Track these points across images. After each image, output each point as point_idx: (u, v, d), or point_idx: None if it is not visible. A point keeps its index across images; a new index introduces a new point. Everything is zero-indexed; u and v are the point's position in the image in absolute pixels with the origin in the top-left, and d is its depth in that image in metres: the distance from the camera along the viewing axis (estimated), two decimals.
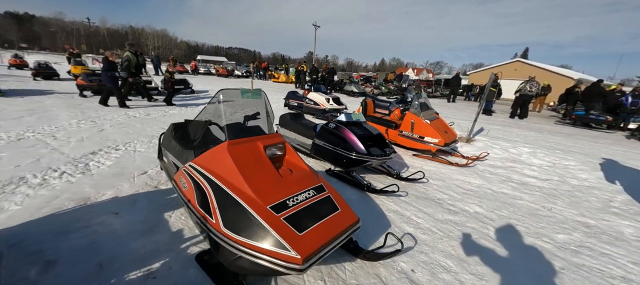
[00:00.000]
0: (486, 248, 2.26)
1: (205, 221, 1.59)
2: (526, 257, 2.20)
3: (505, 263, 2.09)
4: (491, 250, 2.23)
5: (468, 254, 2.16)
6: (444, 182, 3.63)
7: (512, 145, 5.43)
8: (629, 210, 3.19)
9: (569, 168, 4.50)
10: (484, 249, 2.24)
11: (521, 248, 2.32)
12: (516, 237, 2.48)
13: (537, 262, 2.14)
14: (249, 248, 1.38)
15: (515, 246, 2.33)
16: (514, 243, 2.37)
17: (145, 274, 1.68)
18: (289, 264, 1.33)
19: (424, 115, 4.70)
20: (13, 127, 4.57)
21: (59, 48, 77.17)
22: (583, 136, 7.76)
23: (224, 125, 1.89)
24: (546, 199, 3.35)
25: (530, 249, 2.31)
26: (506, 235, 2.48)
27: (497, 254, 2.20)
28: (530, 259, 2.17)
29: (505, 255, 2.19)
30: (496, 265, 2.05)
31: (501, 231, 2.54)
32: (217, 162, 1.77)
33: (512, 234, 2.51)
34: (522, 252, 2.25)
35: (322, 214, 1.64)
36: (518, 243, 2.38)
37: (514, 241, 2.40)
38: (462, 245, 2.28)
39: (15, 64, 17.62)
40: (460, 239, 2.36)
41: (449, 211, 2.85)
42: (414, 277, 1.86)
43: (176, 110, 7.32)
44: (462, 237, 2.38)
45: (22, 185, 2.64)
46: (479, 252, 2.19)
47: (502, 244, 2.33)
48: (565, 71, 25.88)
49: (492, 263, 2.07)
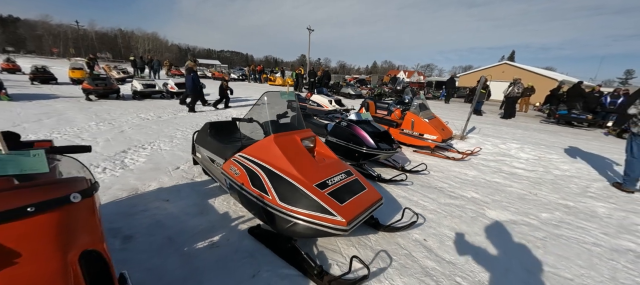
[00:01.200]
0: (482, 224, 2.69)
1: (261, 198, 1.96)
2: (516, 230, 2.63)
3: (499, 234, 2.52)
4: (487, 226, 2.67)
5: (468, 228, 2.58)
6: (444, 174, 4.08)
7: (502, 142, 5.95)
8: (603, 194, 3.69)
9: (553, 161, 5.02)
10: (480, 225, 2.67)
11: (512, 222, 2.76)
12: (507, 215, 2.92)
13: (525, 234, 2.58)
14: (304, 216, 1.76)
15: (506, 221, 2.77)
16: (506, 220, 2.81)
17: (209, 244, 2.04)
18: (337, 226, 1.72)
19: (423, 115, 5.16)
20: (37, 129, 4.81)
21: (45, 51, 75.37)
22: (565, 133, 8.40)
23: (268, 121, 2.27)
24: (533, 186, 3.83)
25: (520, 224, 2.76)
26: (499, 214, 2.92)
27: (492, 228, 2.63)
28: (520, 232, 2.61)
29: (499, 229, 2.62)
30: (491, 236, 2.48)
31: (494, 211, 2.98)
32: (265, 151, 2.15)
33: (503, 214, 2.95)
34: (512, 227, 2.69)
35: (354, 191, 2.03)
36: (509, 220, 2.83)
37: (505, 219, 2.84)
38: (462, 222, 2.70)
39: (8, 68, 17.41)
40: (461, 217, 2.78)
41: (450, 196, 3.28)
42: (426, 245, 2.27)
43: (185, 112, 7.60)
44: (462, 216, 2.81)
45: None
46: (476, 227, 2.62)
47: (495, 221, 2.77)
48: (549, 73, 27.04)
49: (488, 235, 2.50)
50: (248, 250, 2.00)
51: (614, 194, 3.70)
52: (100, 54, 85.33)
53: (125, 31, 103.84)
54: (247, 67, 29.02)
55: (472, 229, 2.57)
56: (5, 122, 5.11)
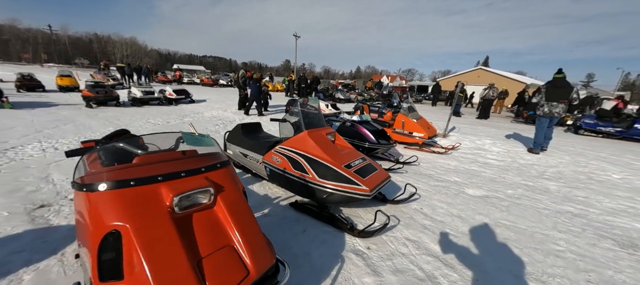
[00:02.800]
0: (463, 198, 3.48)
1: (303, 178, 2.62)
2: (487, 201, 3.43)
3: (475, 204, 3.31)
4: (466, 198, 3.45)
5: (452, 200, 3.35)
6: (431, 164, 4.88)
7: (478, 138, 6.90)
8: (555, 176, 4.62)
9: (518, 153, 5.99)
10: (462, 198, 3.45)
11: (485, 197, 3.56)
12: (481, 192, 3.73)
13: (495, 204, 3.38)
14: (338, 187, 2.44)
15: (481, 197, 3.57)
16: (480, 195, 3.62)
17: (262, 214, 2.67)
18: (363, 193, 2.41)
19: (412, 116, 5.99)
20: (62, 134, 5.16)
21: (12, 57, 71.21)
22: (531, 131, 9.57)
23: (301, 121, 2.94)
24: (501, 172, 4.70)
25: (490, 197, 3.57)
26: (475, 191, 3.73)
27: (469, 200, 3.41)
28: (490, 202, 3.41)
29: (475, 201, 3.41)
30: (470, 205, 3.26)
31: (472, 189, 3.78)
32: (302, 143, 2.81)
33: (478, 191, 3.76)
34: (485, 199, 3.49)
35: (370, 170, 2.74)
36: (482, 195, 3.63)
37: (479, 194, 3.65)
38: (448, 197, 3.47)
39: None
40: (447, 194, 3.56)
41: (437, 180, 4.07)
42: (423, 211, 3.00)
43: (191, 117, 8.05)
44: (448, 193, 3.59)
45: None
46: (458, 200, 3.40)
47: (472, 196, 3.56)
48: (519, 77, 29.27)
49: (468, 204, 3.27)
50: (293, 218, 2.65)
51: (564, 176, 4.65)
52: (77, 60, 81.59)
53: (101, 36, 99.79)
54: (232, 73, 29.23)
55: (455, 202, 3.34)
56: (27, 128, 5.41)
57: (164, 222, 1.13)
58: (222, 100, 13.55)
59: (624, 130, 8.94)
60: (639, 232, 2.85)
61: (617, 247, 2.54)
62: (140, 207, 1.12)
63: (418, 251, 2.29)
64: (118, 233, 1.04)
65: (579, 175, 4.71)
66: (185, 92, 11.39)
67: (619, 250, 2.49)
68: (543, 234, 2.71)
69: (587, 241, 2.61)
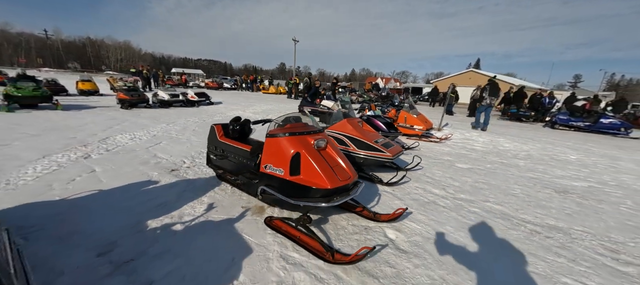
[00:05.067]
0: (455, 169, 4.76)
1: (346, 150, 3.86)
2: (471, 171, 4.71)
3: (462, 172, 4.59)
4: (456, 169, 4.74)
5: (446, 170, 4.63)
6: (429, 150, 6.17)
7: (467, 131, 8.25)
8: (525, 157, 5.95)
9: (500, 142, 7.33)
10: (453, 169, 4.74)
11: (470, 168, 4.85)
12: (467, 166, 5.02)
13: (477, 172, 4.66)
14: (372, 155, 3.69)
15: (467, 168, 4.86)
16: (466, 167, 4.90)
17: None
18: (386, 157, 3.67)
19: (412, 112, 7.29)
20: (131, 129, 6.30)
21: (4, 61, 70.78)
22: (514, 126, 11.01)
23: (340, 112, 4.18)
24: (484, 155, 6.01)
25: (474, 169, 4.85)
26: (462, 165, 5.02)
27: (459, 170, 4.69)
28: (474, 171, 4.69)
29: (462, 171, 4.70)
30: (459, 173, 4.54)
31: (460, 164, 5.07)
32: (343, 127, 4.05)
33: (465, 165, 5.05)
34: (469, 170, 4.77)
35: (390, 145, 3.99)
36: (468, 167, 4.92)
37: (466, 167, 4.94)
38: (443, 168, 4.75)
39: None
40: (442, 166, 4.83)
41: (434, 159, 5.35)
42: (426, 175, 4.26)
43: (219, 117, 9.20)
44: (443, 166, 4.87)
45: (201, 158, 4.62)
46: (451, 170, 4.68)
47: (461, 167, 4.85)
48: (508, 78, 31.09)
49: (457, 172, 4.56)
50: None
51: (532, 157, 5.99)
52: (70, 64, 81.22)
53: (95, 39, 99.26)
54: (237, 77, 30.41)
55: (448, 171, 4.61)
56: (95, 126, 6.51)
57: (315, 151, 2.37)
58: (235, 102, 14.72)
59: (591, 124, 10.41)
60: (573, 187, 4.16)
61: (554, 193, 3.84)
62: (304, 144, 2.36)
63: (424, 191, 3.55)
64: (298, 153, 2.27)
65: (543, 157, 6.06)
66: (205, 95, 12.53)
67: (555, 194, 3.79)
68: (506, 186, 4.01)
69: (534, 190, 3.92)
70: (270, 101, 16.36)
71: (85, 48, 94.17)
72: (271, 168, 2.38)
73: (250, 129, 3.44)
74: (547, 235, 2.67)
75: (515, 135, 8.38)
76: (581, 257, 2.33)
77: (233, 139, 3.18)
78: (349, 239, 2.38)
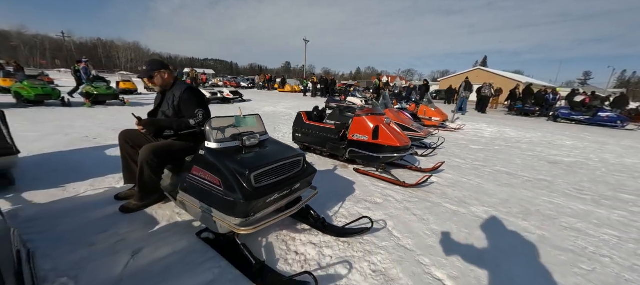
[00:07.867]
0: (470, 150, 6.03)
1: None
2: (483, 151, 5.97)
3: (475, 153, 5.85)
4: (471, 150, 6.00)
5: (463, 150, 5.90)
6: (446, 137, 7.43)
7: (477, 123, 9.49)
8: (527, 142, 7.19)
9: (506, 132, 8.56)
10: (469, 150, 6.00)
11: (481, 149, 6.11)
12: (479, 148, 6.28)
13: (487, 151, 5.92)
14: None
15: (479, 149, 6.12)
16: (478, 148, 6.17)
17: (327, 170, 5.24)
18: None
19: (430, 106, 8.56)
20: None
21: (21, 63, 73.37)
22: (519, 120, 12.18)
23: (379, 107, 5.51)
24: (492, 141, 7.26)
25: (485, 149, 6.11)
26: (475, 147, 6.28)
27: (474, 151, 5.96)
28: (485, 151, 5.95)
29: (476, 151, 5.96)
30: (472, 152, 5.81)
31: (474, 146, 6.34)
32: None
33: (477, 147, 6.31)
34: (481, 151, 6.03)
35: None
36: (480, 148, 6.18)
37: (478, 148, 6.20)
38: (460, 149, 6.02)
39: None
40: (460, 148, 6.11)
41: (452, 143, 6.62)
42: (447, 151, 5.54)
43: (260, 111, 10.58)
44: (460, 147, 6.14)
45: None
46: (467, 150, 5.95)
47: (474, 148, 6.12)
48: (514, 76, 31.89)
49: (472, 151, 5.83)
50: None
51: (533, 142, 7.22)
52: None
53: (105, 41, 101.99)
54: (256, 76, 31.90)
55: (464, 151, 5.89)
56: None
57: (386, 124, 3.72)
58: (262, 99, 16.12)
59: (590, 117, 11.53)
60: (562, 161, 5.41)
61: (547, 163, 5.10)
62: (380, 120, 3.71)
63: (449, 160, 4.84)
64: (378, 126, 3.60)
65: (542, 142, 7.29)
66: (238, 93, 13.94)
67: (547, 164, 5.05)
68: (510, 159, 5.28)
69: (532, 161, 5.18)
70: (291, 99, 17.71)
71: (97, 49, 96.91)
72: (358, 136, 3.72)
73: (325, 114, 4.78)
74: (536, 183, 3.96)
75: (520, 127, 9.59)
76: (557, 193, 3.61)
77: (316, 121, 4.52)
78: (410, 182, 3.71)
